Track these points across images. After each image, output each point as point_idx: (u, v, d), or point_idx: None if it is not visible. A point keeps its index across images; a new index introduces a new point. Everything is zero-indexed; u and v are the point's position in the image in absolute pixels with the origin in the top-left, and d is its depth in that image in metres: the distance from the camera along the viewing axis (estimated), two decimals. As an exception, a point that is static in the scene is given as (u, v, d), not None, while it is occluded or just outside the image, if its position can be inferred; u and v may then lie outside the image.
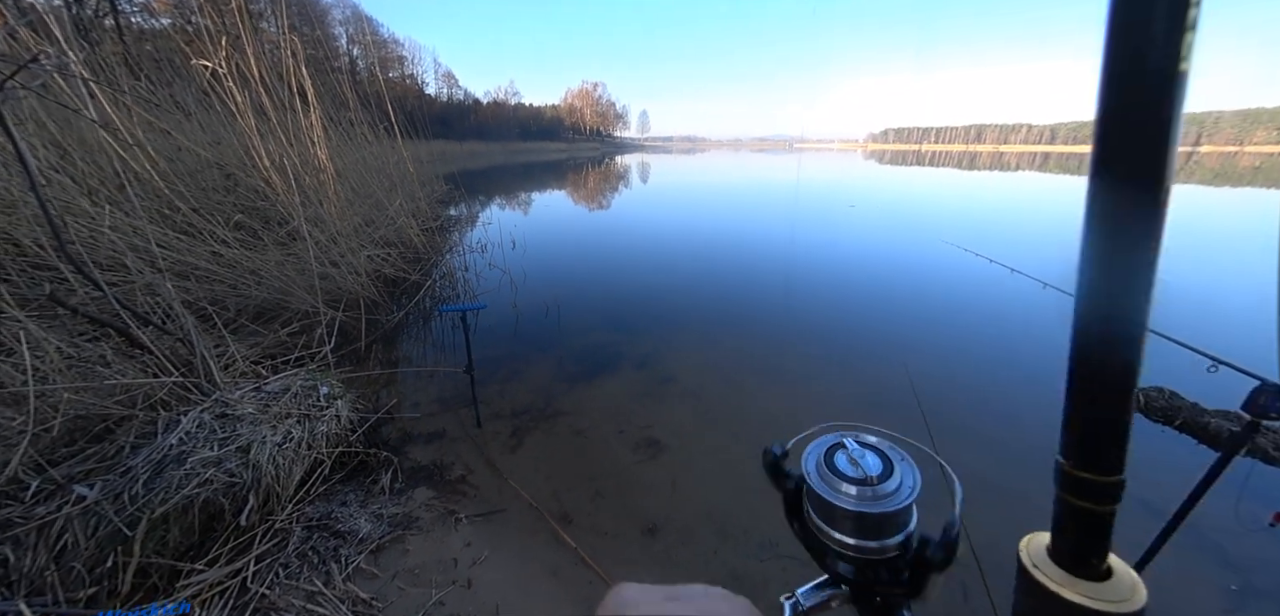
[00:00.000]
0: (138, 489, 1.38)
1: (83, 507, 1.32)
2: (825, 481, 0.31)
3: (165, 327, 1.82)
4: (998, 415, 2.71)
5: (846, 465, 0.31)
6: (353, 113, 5.54)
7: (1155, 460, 2.31)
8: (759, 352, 3.43)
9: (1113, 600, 0.19)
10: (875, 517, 0.28)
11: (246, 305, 3.17)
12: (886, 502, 0.28)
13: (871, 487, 0.29)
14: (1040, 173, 26.34)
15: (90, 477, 1.39)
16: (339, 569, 1.53)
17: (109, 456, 1.46)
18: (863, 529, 0.29)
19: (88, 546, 1.28)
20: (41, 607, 1.17)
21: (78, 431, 1.50)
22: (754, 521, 1.92)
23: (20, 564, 1.22)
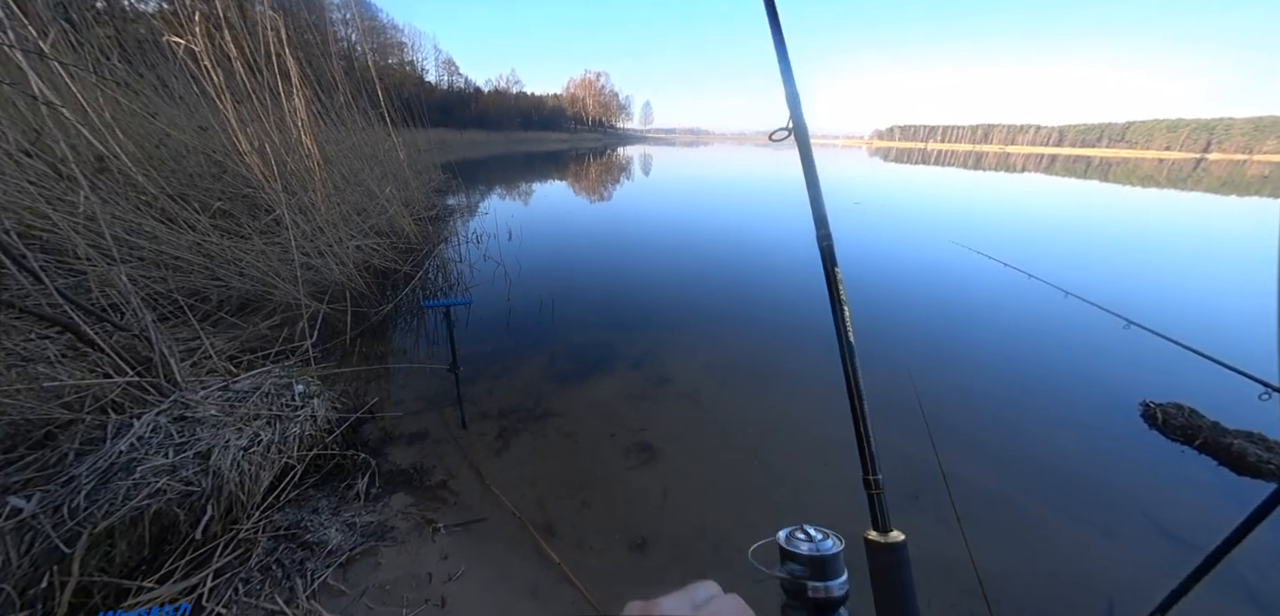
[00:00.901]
0: (80, 501, 1.27)
1: (16, 521, 1.21)
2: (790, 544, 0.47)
3: (120, 324, 1.70)
4: (1002, 422, 2.60)
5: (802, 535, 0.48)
6: (344, 97, 5.39)
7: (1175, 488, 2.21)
8: (758, 354, 3.32)
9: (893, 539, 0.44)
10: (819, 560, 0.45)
11: (228, 297, 3.06)
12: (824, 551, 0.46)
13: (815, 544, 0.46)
14: (1046, 175, 26.07)
15: (27, 488, 1.28)
16: (304, 584, 1.43)
17: (50, 465, 1.35)
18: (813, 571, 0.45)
19: (21, 565, 1.17)
20: (-35, 632, 1.07)
21: (17, 437, 1.39)
22: (751, 538, 1.80)
23: (-56, 583, 1.11)
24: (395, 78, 24.05)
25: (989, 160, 43.18)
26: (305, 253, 3.49)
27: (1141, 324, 1.48)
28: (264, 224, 3.65)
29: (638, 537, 1.81)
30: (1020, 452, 2.35)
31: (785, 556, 0.48)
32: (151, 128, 3.62)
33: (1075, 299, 1.85)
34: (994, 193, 13.98)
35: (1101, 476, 2.22)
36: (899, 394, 2.75)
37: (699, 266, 5.47)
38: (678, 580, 1.38)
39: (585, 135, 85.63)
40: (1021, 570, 1.71)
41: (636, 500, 2.00)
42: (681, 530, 1.85)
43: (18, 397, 1.40)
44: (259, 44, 3.64)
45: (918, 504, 2.00)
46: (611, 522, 1.88)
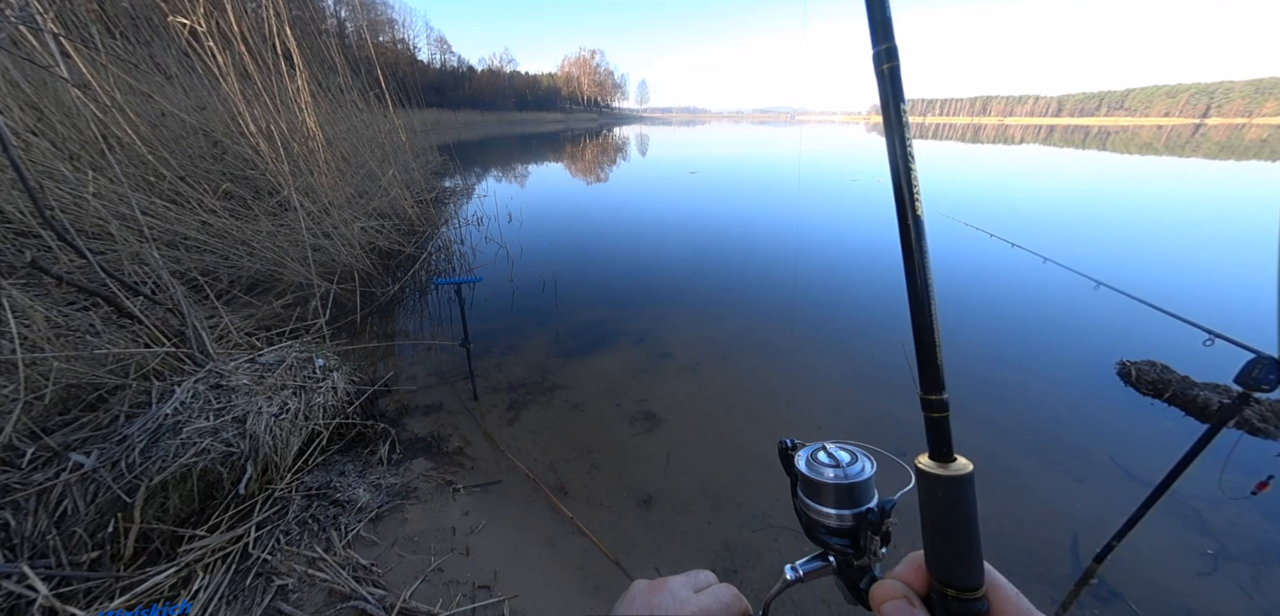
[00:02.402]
0: (134, 457, 1.38)
1: (80, 475, 1.32)
2: (812, 469, 0.43)
3: (155, 297, 1.79)
4: (988, 385, 2.74)
5: (825, 457, 0.43)
6: (342, 78, 5.37)
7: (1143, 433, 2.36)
8: (756, 329, 3.44)
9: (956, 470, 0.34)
10: (847, 488, 0.41)
11: (239, 276, 3.14)
12: (853, 478, 0.41)
13: (842, 469, 0.42)
14: (1044, 146, 26.08)
15: (86, 445, 1.39)
16: (339, 536, 1.56)
17: (103, 425, 1.45)
18: (839, 500, 0.41)
19: (88, 512, 1.29)
20: (45, 569, 1.18)
21: (70, 400, 1.49)
22: (747, 494, 1.95)
23: (21, 528, 1.23)
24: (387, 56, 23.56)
25: (987, 133, 43.04)
26: (313, 234, 3.55)
27: (1110, 284, 1.59)
28: (270, 205, 3.70)
29: (644, 496, 1.95)
30: (1003, 412, 2.50)
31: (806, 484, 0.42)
32: (150, 107, 3.64)
33: (1054, 265, 1.96)
34: (989, 166, 14.05)
35: (1075, 431, 2.37)
36: (888, 361, 2.90)
37: (696, 245, 5.56)
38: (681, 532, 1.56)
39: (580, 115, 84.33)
40: (995, 514, 1.87)
41: (642, 463, 2.13)
42: (684, 489, 1.99)
43: (71, 363, 1.50)
44: (259, 23, 3.64)
45: (905, 459, 2.15)
46: (619, 483, 2.02)
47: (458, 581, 1.49)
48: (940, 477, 0.34)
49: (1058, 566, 1.68)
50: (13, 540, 1.19)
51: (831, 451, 0.43)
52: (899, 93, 0.33)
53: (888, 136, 0.34)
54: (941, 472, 0.34)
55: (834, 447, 0.43)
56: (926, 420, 0.35)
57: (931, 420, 0.35)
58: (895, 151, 0.34)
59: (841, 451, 0.43)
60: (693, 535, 1.80)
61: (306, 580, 1.39)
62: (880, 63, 0.33)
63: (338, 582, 1.38)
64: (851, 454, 0.43)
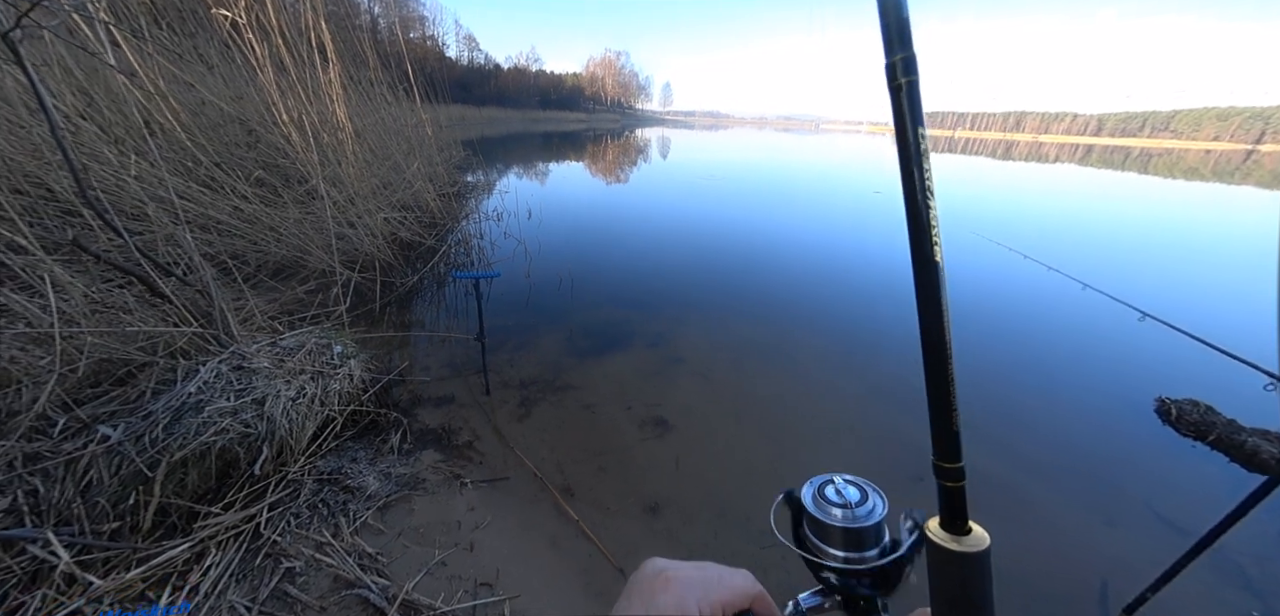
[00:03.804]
0: (158, 432, 1.43)
1: (107, 447, 1.37)
2: (819, 508, 0.39)
3: (185, 279, 1.86)
4: (1015, 413, 2.64)
5: (834, 494, 0.40)
6: (373, 72, 5.51)
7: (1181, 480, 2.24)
8: (771, 339, 3.39)
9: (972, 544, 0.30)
10: (856, 532, 0.37)
11: (265, 261, 3.23)
12: (862, 521, 0.38)
13: (851, 510, 0.38)
14: (1080, 166, 25.13)
15: (113, 419, 1.44)
16: (347, 522, 1.58)
17: (131, 400, 1.51)
18: (847, 542, 0.38)
19: (111, 483, 1.34)
20: (68, 536, 1.23)
21: (102, 374, 1.55)
22: (755, 508, 1.92)
23: (49, 495, 1.28)
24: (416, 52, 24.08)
25: (1020, 150, 41.66)
26: (338, 223, 3.64)
27: (1156, 316, 1.51)
28: (299, 194, 3.81)
29: (651, 502, 1.93)
30: (1029, 442, 2.40)
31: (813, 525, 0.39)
32: (191, 96, 3.78)
33: (1094, 291, 1.87)
34: (1023, 184, 13.60)
35: (1108, 469, 2.26)
36: (907, 381, 2.81)
37: (714, 250, 5.52)
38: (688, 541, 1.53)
39: (603, 115, 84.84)
40: (1020, 553, 1.78)
41: (650, 468, 2.11)
42: (692, 497, 1.96)
43: (104, 339, 1.56)
44: (297, 16, 3.76)
45: (922, 484, 2.08)
46: (626, 487, 2.00)
47: (460, 577, 1.50)
48: (953, 552, 0.31)
49: (1084, 612, 1.59)
50: (41, 506, 1.24)
51: (840, 487, 0.40)
52: (917, 113, 0.27)
53: (902, 167, 0.28)
54: (954, 547, 0.31)
55: (842, 482, 0.40)
56: (940, 488, 0.32)
57: (945, 489, 0.32)
58: (913, 185, 0.28)
59: (851, 488, 0.40)
60: (698, 546, 1.77)
61: (314, 564, 1.41)
62: (894, 76, 0.27)
63: (344, 569, 1.40)
64: (862, 491, 0.40)
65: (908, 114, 0.27)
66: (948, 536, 0.31)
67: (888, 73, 0.27)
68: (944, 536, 0.31)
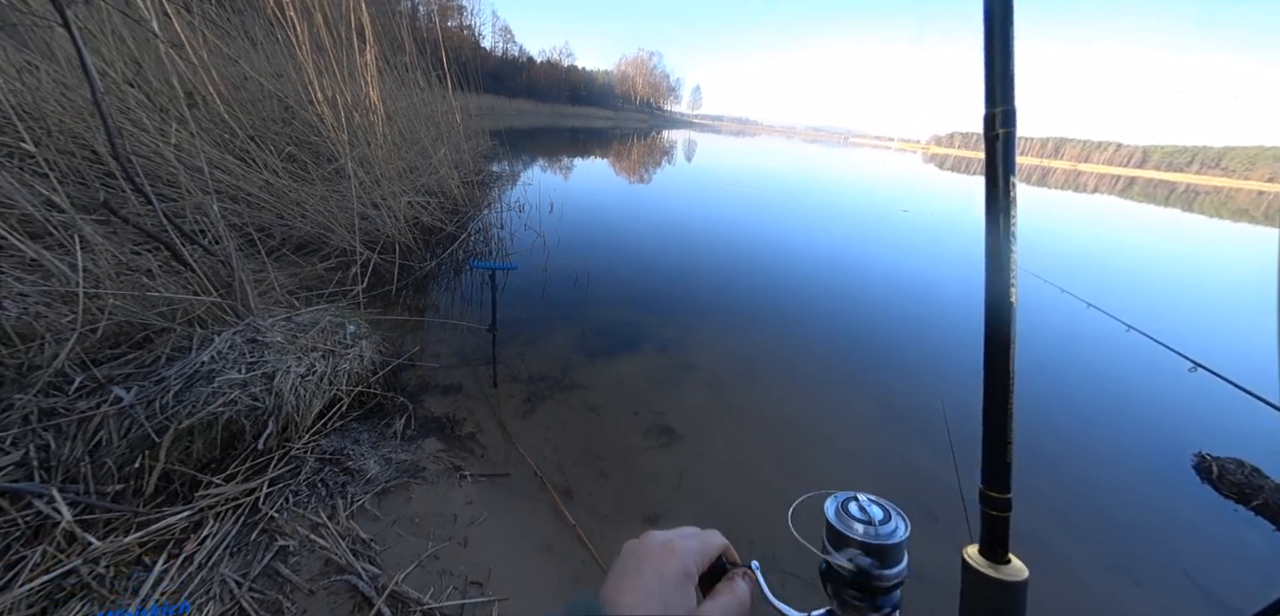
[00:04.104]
0: (168, 399, 1.44)
1: (119, 408, 1.39)
2: (840, 521, 0.39)
3: (210, 249, 1.89)
4: (1039, 455, 2.49)
5: (857, 510, 0.39)
6: (409, 57, 5.59)
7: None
8: (786, 353, 3.30)
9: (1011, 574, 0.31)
10: (877, 548, 0.37)
11: (290, 235, 3.30)
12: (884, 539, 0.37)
13: (874, 527, 0.37)
14: (1120, 198, 24.04)
15: (128, 381, 1.47)
16: (344, 505, 1.58)
17: (146, 364, 1.53)
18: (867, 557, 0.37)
19: (120, 445, 1.36)
20: (73, 494, 1.25)
21: (121, 336, 1.59)
22: (761, 531, 1.85)
23: (60, 451, 1.30)
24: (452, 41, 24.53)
25: (1056, 177, 40.06)
26: (362, 202, 3.70)
27: (1209, 367, 1.39)
28: (327, 172, 3.88)
29: (651, 513, 1.88)
30: (1052, 489, 2.26)
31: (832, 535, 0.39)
32: (234, 70, 3.90)
33: (1138, 334, 1.75)
34: (1058, 213, 13.04)
35: (1138, 524, 2.11)
36: (925, 410, 2.69)
37: (734, 258, 5.43)
38: None
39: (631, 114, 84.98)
40: (1037, 602, 1.67)
41: (652, 478, 2.06)
42: (693, 513, 1.91)
43: (125, 302, 1.59)
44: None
45: (938, 524, 1.98)
46: (626, 496, 1.95)
47: (451, 572, 1.47)
48: (991, 579, 0.31)
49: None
50: (51, 462, 1.27)
51: (864, 504, 0.41)
52: (1011, 163, 0.29)
53: (989, 211, 0.30)
54: (993, 574, 0.31)
55: (866, 500, 0.41)
56: (984, 515, 0.33)
57: (990, 517, 0.32)
58: (997, 227, 0.30)
59: (875, 506, 0.40)
60: (696, 565, 1.71)
61: (307, 545, 1.41)
62: (993, 127, 0.28)
63: (336, 553, 1.40)
64: (885, 511, 0.40)
65: (1001, 163, 0.29)
66: (987, 563, 0.32)
67: (986, 123, 0.29)
68: (983, 562, 0.32)
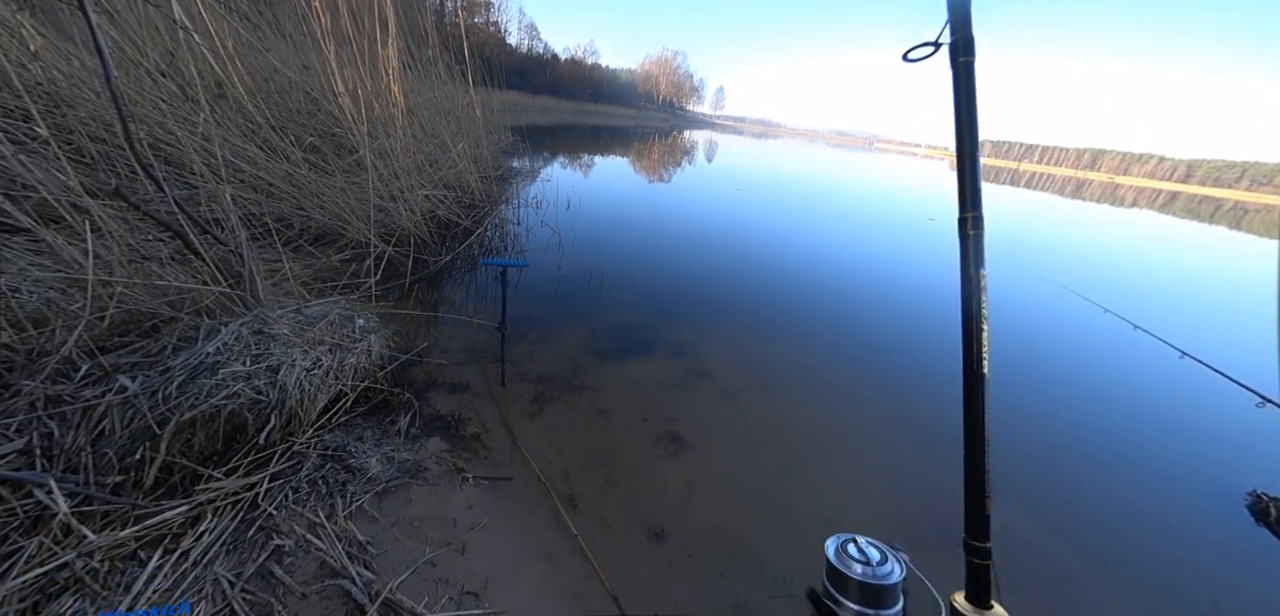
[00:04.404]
0: (172, 390, 1.43)
1: (123, 398, 1.38)
2: (840, 561, 0.43)
3: (221, 238, 1.89)
4: (1073, 485, 2.33)
5: (855, 551, 0.43)
6: (433, 51, 5.62)
7: None
8: (804, 362, 3.18)
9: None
10: (873, 588, 0.41)
11: (309, 226, 3.32)
12: (881, 579, 0.41)
13: (871, 568, 0.42)
14: (1161, 213, 22.88)
15: (134, 370, 1.46)
16: (343, 504, 1.54)
17: (153, 353, 1.53)
18: (864, 598, 0.41)
19: (122, 436, 1.35)
20: (73, 484, 1.24)
21: (130, 325, 1.59)
22: (771, 550, 1.76)
23: (63, 440, 1.30)
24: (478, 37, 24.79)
25: (1092, 190, 38.34)
26: (380, 195, 3.71)
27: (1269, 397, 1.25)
28: (347, 163, 3.92)
29: (656, 527, 1.80)
30: (1088, 522, 2.11)
31: (832, 574, 0.42)
32: (263, 61, 3.96)
33: (1193, 361, 1.59)
34: (1096, 227, 12.45)
35: (1185, 567, 1.95)
36: (949, 429, 2.54)
37: (752, 264, 5.30)
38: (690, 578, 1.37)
39: (653, 114, 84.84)
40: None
41: (660, 489, 1.99)
42: (701, 528, 1.82)
43: (134, 290, 1.60)
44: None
45: (956, 548, 1.85)
46: (632, 506, 1.88)
47: (447, 581, 1.43)
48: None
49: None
50: (53, 450, 1.26)
51: (862, 546, 0.44)
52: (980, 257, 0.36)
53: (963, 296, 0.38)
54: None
55: (865, 542, 0.44)
56: (968, 563, 0.37)
57: (973, 565, 0.37)
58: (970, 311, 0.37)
59: (872, 548, 0.44)
60: (702, 584, 1.63)
61: (303, 545, 1.38)
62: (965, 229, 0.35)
63: (331, 555, 1.36)
64: (882, 553, 0.43)
65: (973, 257, 0.37)
66: (972, 609, 0.36)
67: (959, 224, 0.37)
68: (969, 608, 0.36)
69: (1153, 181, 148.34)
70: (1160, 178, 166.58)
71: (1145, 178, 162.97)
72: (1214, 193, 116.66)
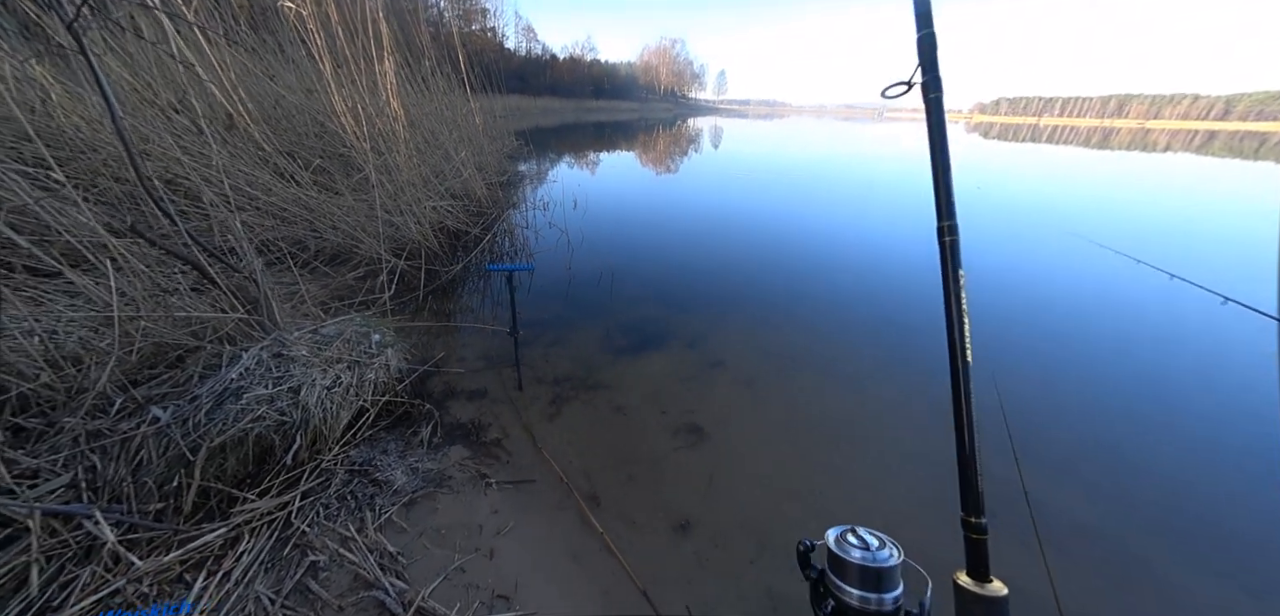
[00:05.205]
0: (201, 417, 1.48)
1: (157, 428, 1.43)
2: (840, 548, 0.45)
3: (235, 266, 1.94)
4: (1113, 447, 2.24)
5: (854, 539, 0.46)
6: (430, 63, 5.67)
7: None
8: (820, 347, 3.13)
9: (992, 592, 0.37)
10: (874, 572, 0.43)
11: (323, 248, 3.39)
12: (881, 563, 0.43)
13: (871, 553, 0.45)
14: (1198, 154, 21.78)
15: (165, 400, 1.51)
16: (372, 517, 1.58)
17: (181, 383, 1.58)
18: (864, 581, 0.43)
19: (159, 464, 1.40)
20: (118, 514, 1.29)
21: (157, 357, 1.65)
22: (793, 534, 1.73)
23: (105, 472, 1.35)
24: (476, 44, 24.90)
25: (1120, 137, 36.60)
26: (388, 211, 3.76)
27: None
28: (355, 182, 3.98)
29: (681, 520, 1.80)
30: (1133, 484, 2.03)
31: (834, 563, 0.44)
32: (269, 89, 4.04)
33: (1238, 306, 1.51)
34: (1125, 176, 11.91)
35: (1243, 524, 1.86)
36: (978, 405, 2.47)
37: (764, 250, 5.23)
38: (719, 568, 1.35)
39: (656, 105, 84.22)
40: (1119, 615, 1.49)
41: (682, 481, 1.98)
42: (726, 519, 1.81)
43: (158, 323, 1.65)
44: (356, 8, 3.89)
45: (993, 520, 1.80)
46: (655, 500, 1.88)
47: (478, 586, 1.45)
48: (978, 597, 0.37)
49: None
50: (97, 483, 1.31)
51: (862, 534, 0.46)
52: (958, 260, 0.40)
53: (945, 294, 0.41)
54: (979, 592, 0.37)
55: (864, 531, 0.46)
56: (966, 540, 0.39)
57: (971, 541, 0.39)
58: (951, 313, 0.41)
59: (871, 536, 0.46)
60: (732, 574, 1.62)
61: (337, 559, 1.41)
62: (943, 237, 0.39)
63: (364, 567, 1.39)
64: (881, 540, 0.46)
65: (950, 261, 0.42)
66: (974, 583, 0.38)
67: (938, 232, 0.41)
68: (970, 583, 0.38)
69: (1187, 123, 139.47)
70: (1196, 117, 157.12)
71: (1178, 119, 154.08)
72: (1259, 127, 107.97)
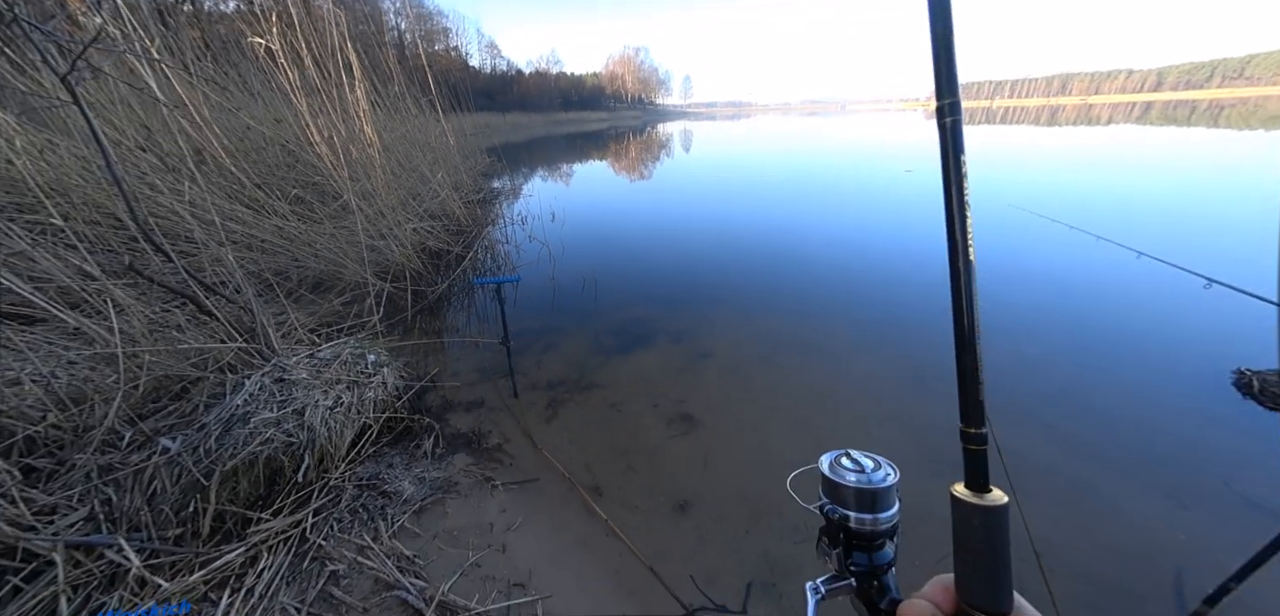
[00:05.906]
0: (211, 444, 1.52)
1: (167, 458, 1.47)
2: (834, 472, 0.44)
3: (231, 297, 1.97)
4: (1066, 395, 2.46)
5: (849, 463, 0.45)
6: (398, 87, 5.69)
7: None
8: (799, 330, 3.30)
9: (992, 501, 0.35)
10: (870, 493, 0.42)
11: (306, 276, 3.40)
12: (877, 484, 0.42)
13: (866, 475, 0.43)
14: (1138, 125, 23.25)
15: (173, 431, 1.55)
16: (385, 526, 1.64)
17: (187, 413, 1.61)
18: (861, 503, 0.42)
19: (173, 492, 1.43)
20: (139, 542, 1.33)
21: (161, 390, 1.67)
22: (789, 503, 1.86)
23: (121, 503, 1.38)
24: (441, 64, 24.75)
25: (1066, 114, 38.78)
26: (369, 235, 3.79)
27: (1225, 282, 1.36)
28: (333, 209, 3.99)
29: (680, 500, 1.91)
30: (1085, 425, 2.24)
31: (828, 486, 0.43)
32: (236, 122, 4.02)
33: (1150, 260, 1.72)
34: (1069, 152, 12.68)
35: (1179, 448, 2.08)
36: (939, 363, 2.67)
37: (738, 244, 5.42)
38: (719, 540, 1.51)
39: (624, 113, 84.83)
40: (1082, 542, 1.67)
41: (679, 466, 2.09)
42: (722, 494, 1.93)
43: (160, 356, 1.68)
44: (325, 39, 3.92)
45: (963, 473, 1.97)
46: (655, 485, 1.99)
47: (494, 578, 1.52)
48: (976, 506, 0.36)
49: (1158, 606, 1.47)
50: (114, 514, 1.35)
51: (856, 457, 0.45)
52: (959, 144, 0.35)
53: (945, 186, 0.36)
54: (977, 502, 0.36)
55: (858, 454, 0.46)
56: (965, 451, 0.37)
57: (970, 451, 0.37)
58: (951, 202, 0.36)
59: (866, 458, 0.45)
60: (730, 544, 1.74)
61: (356, 567, 1.47)
62: (943, 116, 0.35)
63: (383, 571, 1.46)
64: (876, 461, 0.45)
65: (951, 145, 0.35)
66: (972, 493, 0.36)
67: (938, 112, 0.35)
68: (968, 494, 0.36)
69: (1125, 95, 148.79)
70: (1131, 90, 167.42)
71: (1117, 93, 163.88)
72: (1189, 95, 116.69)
